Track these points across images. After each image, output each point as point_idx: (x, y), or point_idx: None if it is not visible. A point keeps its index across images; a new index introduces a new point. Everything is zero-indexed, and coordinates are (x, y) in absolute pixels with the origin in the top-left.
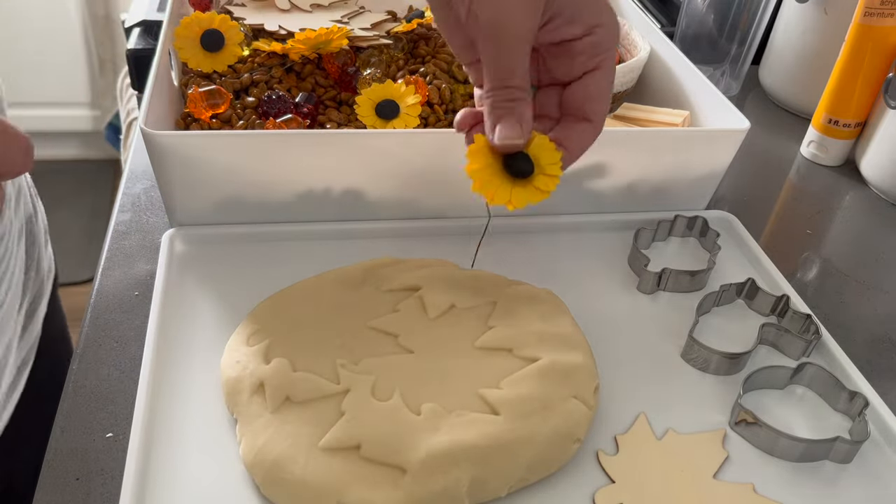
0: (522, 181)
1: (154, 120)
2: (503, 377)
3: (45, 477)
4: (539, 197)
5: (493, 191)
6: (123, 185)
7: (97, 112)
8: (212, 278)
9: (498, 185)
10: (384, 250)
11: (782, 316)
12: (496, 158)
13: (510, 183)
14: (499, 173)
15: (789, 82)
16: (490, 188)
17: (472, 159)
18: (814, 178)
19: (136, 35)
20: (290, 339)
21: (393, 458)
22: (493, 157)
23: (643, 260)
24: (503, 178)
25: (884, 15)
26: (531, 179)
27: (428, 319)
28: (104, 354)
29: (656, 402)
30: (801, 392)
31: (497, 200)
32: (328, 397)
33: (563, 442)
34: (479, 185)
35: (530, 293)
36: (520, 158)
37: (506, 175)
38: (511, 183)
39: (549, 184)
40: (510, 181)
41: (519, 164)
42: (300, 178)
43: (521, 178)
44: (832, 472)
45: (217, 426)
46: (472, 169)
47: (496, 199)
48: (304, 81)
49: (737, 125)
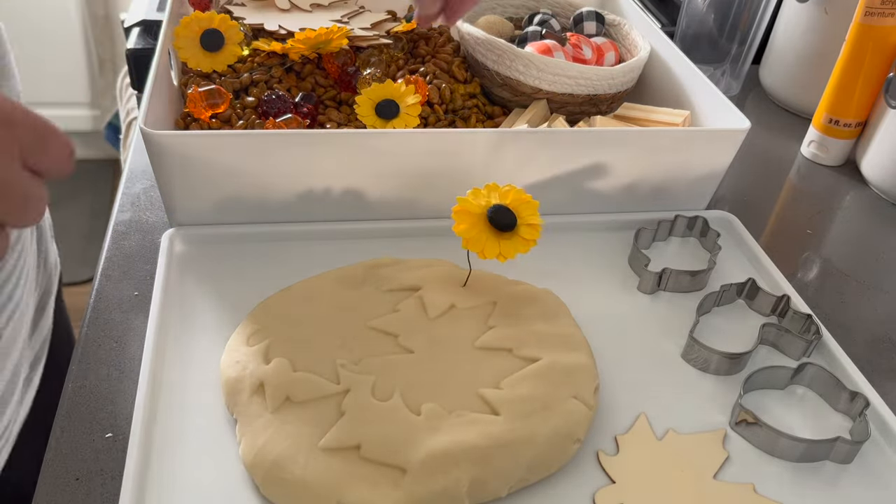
0: (508, 234)
1: (154, 120)
2: (503, 377)
3: (45, 477)
4: (527, 247)
5: (482, 247)
6: (123, 185)
7: (97, 112)
8: (212, 278)
9: (486, 240)
10: (384, 250)
11: (783, 316)
12: (481, 216)
13: (496, 237)
14: (486, 230)
15: (790, 82)
16: (479, 244)
17: (458, 219)
18: (814, 177)
19: (136, 35)
20: (290, 339)
21: (393, 458)
22: (477, 216)
23: (643, 260)
24: (490, 234)
25: (884, 14)
26: (516, 231)
27: (428, 319)
28: (104, 354)
29: (656, 402)
30: (801, 392)
31: (488, 255)
32: (328, 397)
33: (563, 442)
34: (468, 244)
35: (530, 293)
36: (502, 213)
37: (492, 230)
38: (497, 237)
39: (533, 232)
40: (496, 235)
41: (502, 217)
42: (300, 178)
43: (506, 231)
44: (833, 473)
45: (217, 426)
46: (460, 230)
47: (487, 253)
48: (304, 81)
49: (737, 125)
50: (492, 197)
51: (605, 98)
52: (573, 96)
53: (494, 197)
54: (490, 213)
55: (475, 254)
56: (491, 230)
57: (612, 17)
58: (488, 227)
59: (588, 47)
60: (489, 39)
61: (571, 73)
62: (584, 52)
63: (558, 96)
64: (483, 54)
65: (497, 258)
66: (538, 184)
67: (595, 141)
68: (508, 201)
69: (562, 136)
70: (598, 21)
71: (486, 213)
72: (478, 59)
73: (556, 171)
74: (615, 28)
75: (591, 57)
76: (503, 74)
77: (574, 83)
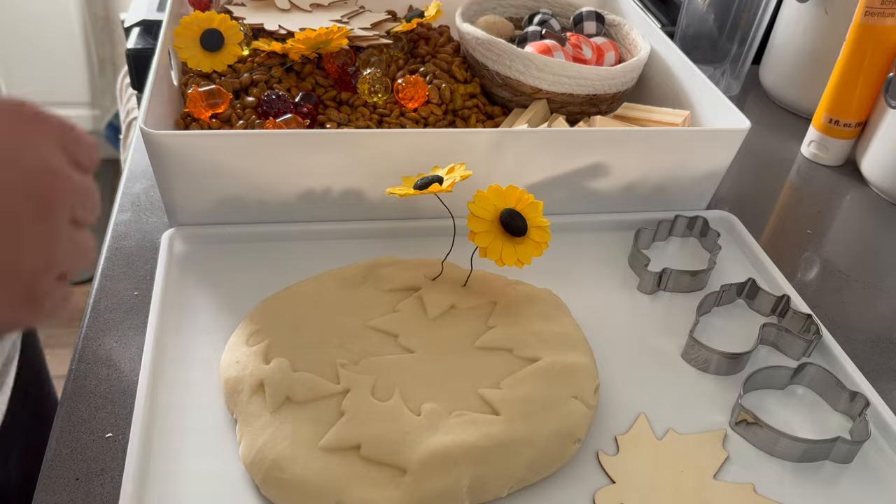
0: (520, 238)
1: (154, 120)
2: (503, 377)
3: (45, 477)
4: (541, 250)
5: (499, 254)
6: (123, 185)
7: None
8: (212, 278)
9: (502, 248)
10: (384, 250)
11: (783, 316)
12: (494, 222)
13: (511, 243)
14: (500, 236)
15: (790, 82)
16: (496, 252)
17: (472, 227)
18: (814, 177)
19: (136, 35)
20: (290, 339)
21: (393, 458)
22: (490, 222)
23: (643, 260)
24: (504, 240)
25: (884, 14)
26: (527, 235)
27: (428, 319)
28: (104, 354)
29: (656, 402)
30: (801, 392)
31: (507, 262)
32: (328, 397)
33: (563, 442)
34: (486, 253)
35: (530, 293)
36: (515, 218)
37: (506, 236)
38: (512, 242)
39: (544, 235)
40: (511, 241)
41: (515, 223)
42: (300, 178)
43: (519, 236)
44: (833, 473)
45: (217, 426)
46: (476, 239)
47: (505, 260)
48: (304, 81)
49: (737, 125)
50: (497, 201)
51: (605, 98)
52: (573, 96)
53: (500, 201)
54: (503, 219)
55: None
56: (505, 236)
57: (612, 17)
58: (502, 233)
59: (588, 47)
60: (489, 39)
61: (571, 73)
62: (584, 52)
63: (558, 96)
64: (483, 54)
65: (516, 265)
66: (538, 184)
67: (595, 141)
68: (517, 205)
69: (562, 136)
70: (598, 21)
71: (498, 218)
72: (478, 59)
73: (556, 171)
74: (615, 28)
75: (591, 57)
76: (503, 74)
77: (574, 83)
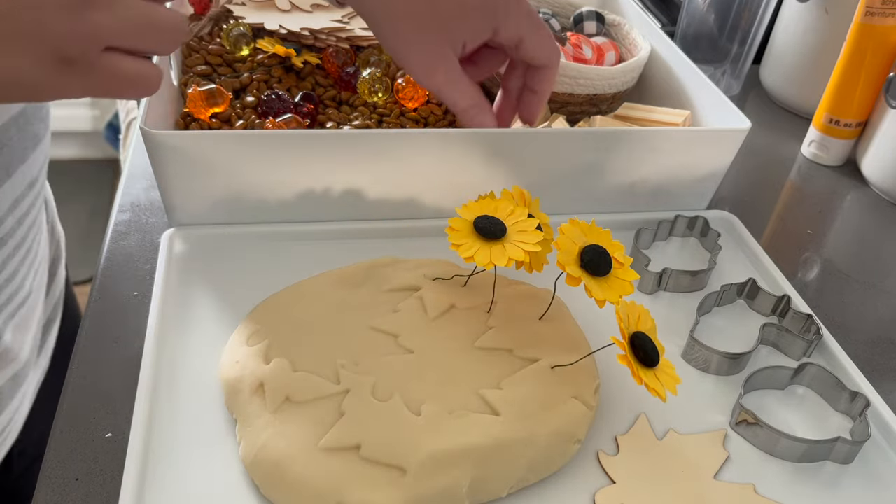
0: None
1: (153, 119)
2: (503, 377)
3: (44, 477)
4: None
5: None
6: (123, 185)
7: (96, 112)
8: (211, 278)
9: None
10: (384, 250)
11: (783, 316)
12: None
13: (595, 282)
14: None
15: (790, 82)
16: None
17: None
18: (815, 177)
19: None
20: (290, 339)
21: (393, 458)
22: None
23: (644, 260)
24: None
25: (885, 14)
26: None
27: (428, 319)
28: (104, 354)
29: (657, 402)
30: (801, 392)
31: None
32: (328, 397)
33: (563, 442)
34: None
35: (530, 293)
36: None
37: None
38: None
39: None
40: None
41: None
42: (300, 178)
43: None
44: (833, 473)
45: (217, 426)
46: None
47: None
48: (304, 81)
49: (738, 125)
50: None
51: (605, 98)
52: (573, 96)
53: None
54: (585, 258)
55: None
56: (587, 275)
57: (612, 17)
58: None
59: (588, 47)
60: None
61: (571, 73)
62: (585, 52)
63: (558, 96)
64: None
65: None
66: (538, 184)
67: (595, 141)
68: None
69: (562, 136)
70: (599, 21)
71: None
72: None
73: (555, 171)
74: (615, 28)
75: (592, 57)
76: None
77: (574, 83)
